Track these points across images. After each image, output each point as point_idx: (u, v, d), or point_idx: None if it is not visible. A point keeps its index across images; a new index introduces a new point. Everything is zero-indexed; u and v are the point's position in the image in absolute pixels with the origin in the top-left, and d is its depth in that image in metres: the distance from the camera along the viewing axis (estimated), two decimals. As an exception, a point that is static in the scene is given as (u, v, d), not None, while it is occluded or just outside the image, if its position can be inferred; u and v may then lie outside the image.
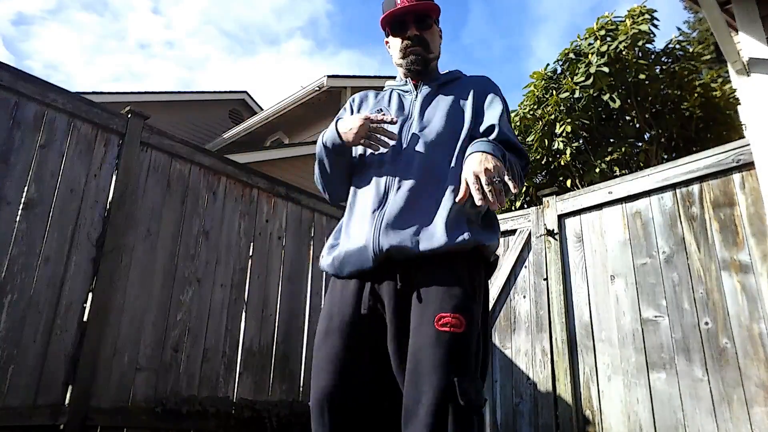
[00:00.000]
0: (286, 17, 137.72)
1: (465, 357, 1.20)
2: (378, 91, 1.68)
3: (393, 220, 1.30)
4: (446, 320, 1.20)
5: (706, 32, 12.21)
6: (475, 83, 1.55)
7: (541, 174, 5.20)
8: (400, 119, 1.49)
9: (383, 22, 1.58)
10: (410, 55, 1.53)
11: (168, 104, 11.35)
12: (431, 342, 1.19)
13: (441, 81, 1.57)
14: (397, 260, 1.28)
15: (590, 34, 4.80)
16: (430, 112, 1.49)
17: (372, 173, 1.43)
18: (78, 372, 2.81)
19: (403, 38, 1.54)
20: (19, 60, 60.30)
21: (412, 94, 1.55)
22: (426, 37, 1.55)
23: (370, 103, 1.61)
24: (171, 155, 3.55)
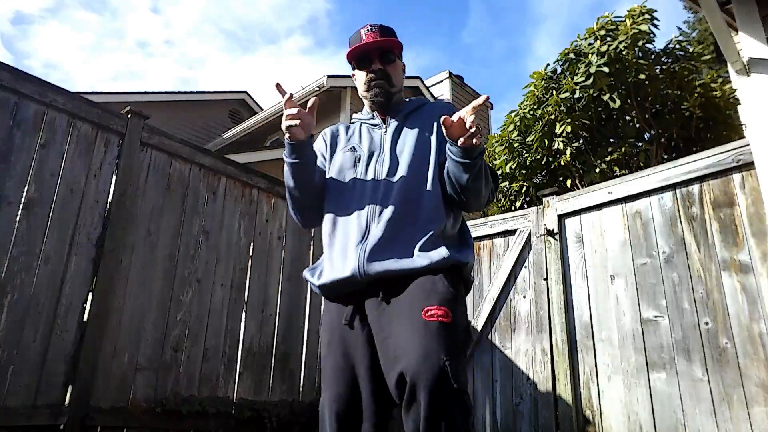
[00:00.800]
0: (285, 16, 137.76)
1: (454, 343, 1.26)
2: (349, 124, 1.75)
3: (376, 251, 1.39)
4: (433, 311, 1.27)
5: (706, 32, 12.21)
6: (439, 109, 1.64)
7: (541, 174, 5.19)
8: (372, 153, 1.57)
9: (349, 56, 1.65)
10: (374, 87, 1.62)
11: (168, 104, 11.35)
12: (420, 331, 1.25)
13: (406, 111, 1.66)
14: (382, 280, 1.38)
15: (590, 34, 4.80)
16: (401, 144, 1.57)
17: (351, 205, 1.50)
18: (78, 372, 2.81)
19: (367, 72, 1.63)
20: (18, 59, 60.29)
21: (381, 128, 1.64)
22: (389, 71, 1.63)
23: (342, 137, 1.69)
24: (171, 155, 3.55)
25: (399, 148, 1.56)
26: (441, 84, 10.95)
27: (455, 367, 1.21)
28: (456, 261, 1.40)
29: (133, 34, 69.41)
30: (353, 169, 1.56)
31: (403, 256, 1.38)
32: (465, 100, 11.22)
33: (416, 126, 1.60)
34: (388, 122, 1.64)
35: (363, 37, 1.60)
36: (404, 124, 1.63)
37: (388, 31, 1.63)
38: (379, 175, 1.51)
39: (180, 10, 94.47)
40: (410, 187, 1.47)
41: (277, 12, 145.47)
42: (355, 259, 1.40)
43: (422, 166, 1.51)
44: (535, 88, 5.11)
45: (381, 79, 1.61)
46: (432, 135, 1.57)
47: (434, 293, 1.32)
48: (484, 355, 3.71)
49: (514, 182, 5.22)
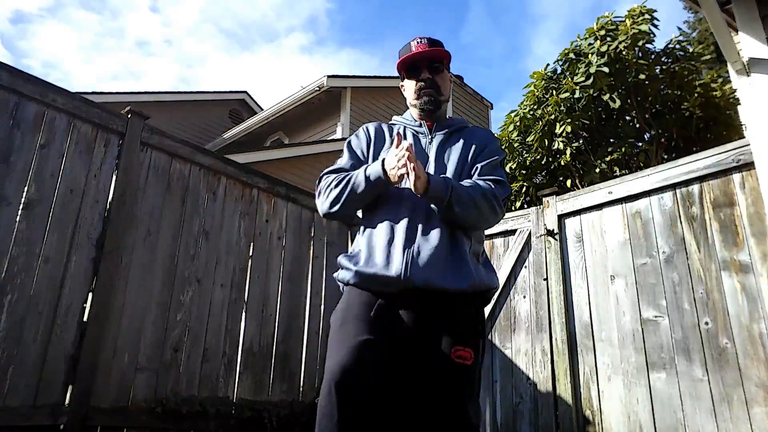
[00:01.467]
0: (285, 15, 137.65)
1: (472, 386, 1.42)
2: (390, 124, 1.79)
3: (424, 260, 1.44)
4: (460, 353, 1.39)
5: (706, 32, 12.21)
6: (479, 135, 1.72)
7: (541, 174, 5.20)
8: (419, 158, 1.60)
9: (400, 66, 1.72)
10: (424, 96, 1.68)
11: (168, 104, 11.35)
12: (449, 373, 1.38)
13: (453, 128, 1.71)
14: (422, 292, 1.43)
15: (590, 34, 4.80)
16: (446, 156, 1.64)
17: (396, 205, 1.55)
18: (78, 372, 2.81)
19: (417, 81, 1.69)
20: (17, 58, 60.28)
21: (426, 136, 1.69)
22: (438, 81, 1.70)
23: (386, 136, 1.72)
24: (171, 155, 3.55)
25: (444, 160, 1.63)
26: (441, 84, 10.94)
27: (472, 407, 1.37)
28: (489, 286, 1.52)
29: (133, 33, 69.42)
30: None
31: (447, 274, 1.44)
32: (465, 100, 11.22)
33: (460, 143, 1.67)
34: (434, 134, 1.69)
35: (413, 48, 1.67)
36: (450, 139, 1.69)
37: (437, 43, 1.69)
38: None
39: (179, 10, 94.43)
40: None
41: (276, 11, 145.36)
42: (401, 262, 1.43)
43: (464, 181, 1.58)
44: (535, 88, 5.11)
45: (430, 87, 1.68)
46: (469, 159, 1.64)
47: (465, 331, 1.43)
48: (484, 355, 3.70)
49: (514, 182, 5.22)
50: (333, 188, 1.60)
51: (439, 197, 1.47)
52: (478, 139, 1.69)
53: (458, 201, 1.47)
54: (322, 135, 9.66)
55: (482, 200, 1.51)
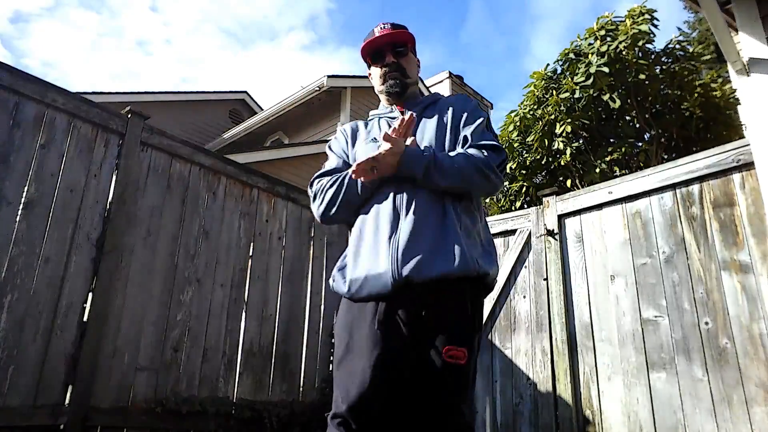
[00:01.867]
0: (286, 15, 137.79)
1: (466, 385, 1.37)
2: (367, 121, 1.77)
3: (409, 246, 1.38)
4: (453, 353, 1.34)
5: (706, 32, 12.21)
6: (454, 102, 1.67)
7: (541, 174, 5.19)
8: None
9: (363, 53, 1.71)
10: (389, 80, 1.66)
11: (168, 104, 11.35)
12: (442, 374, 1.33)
13: (424, 104, 1.69)
14: (414, 284, 1.36)
15: (590, 34, 4.80)
16: (419, 136, 1.59)
17: (377, 198, 1.50)
18: (78, 372, 2.81)
19: (381, 66, 1.68)
20: (16, 58, 60.27)
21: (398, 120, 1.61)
22: (403, 64, 1.68)
23: (361, 131, 1.71)
24: (171, 155, 3.55)
25: (419, 139, 1.57)
26: (441, 84, 10.95)
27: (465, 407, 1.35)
28: (484, 271, 1.42)
29: (132, 32, 69.41)
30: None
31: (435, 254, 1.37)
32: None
33: (434, 118, 1.62)
34: (406, 114, 1.62)
35: (376, 33, 1.66)
36: (423, 116, 1.65)
37: (401, 27, 1.68)
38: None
39: (179, 9, 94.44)
40: None
41: (276, 10, 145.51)
42: (388, 253, 1.38)
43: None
44: (535, 88, 5.11)
45: (395, 71, 1.66)
46: (447, 127, 1.59)
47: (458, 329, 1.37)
48: (484, 355, 3.70)
49: (514, 182, 5.22)
50: (327, 189, 1.57)
51: (413, 172, 1.43)
52: (455, 106, 1.64)
53: (440, 172, 1.42)
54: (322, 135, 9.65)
55: (470, 169, 1.45)
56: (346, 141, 1.71)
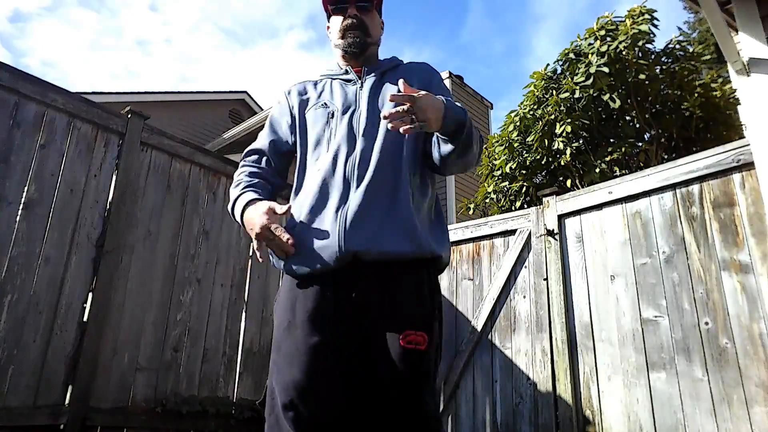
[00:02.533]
0: (285, 14, 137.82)
1: (427, 373, 1.25)
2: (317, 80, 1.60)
3: (357, 219, 1.27)
4: (411, 338, 1.22)
5: (706, 32, 12.22)
6: (418, 70, 1.54)
7: (541, 174, 5.19)
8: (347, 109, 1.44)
9: (325, 1, 1.57)
10: (348, 36, 1.51)
11: (168, 104, 11.35)
12: (399, 359, 1.21)
13: (383, 68, 1.53)
14: (363, 262, 1.26)
15: (590, 34, 4.80)
16: (380, 101, 1.45)
17: (327, 166, 1.36)
18: (78, 372, 2.81)
19: (343, 18, 1.53)
20: (15, 58, 60.23)
21: (356, 84, 1.50)
22: (365, 21, 1.53)
23: (311, 94, 1.54)
24: (171, 155, 3.55)
25: (380, 103, 1.44)
26: (441, 84, 10.93)
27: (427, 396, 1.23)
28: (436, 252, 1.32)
29: (132, 32, 69.38)
30: (327, 126, 1.43)
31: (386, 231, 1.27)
32: (465, 101, 11.22)
33: (395, 84, 1.43)
34: (364, 78, 1.50)
35: None
36: (382, 81, 1.50)
37: None
38: (355, 133, 1.39)
39: (179, 8, 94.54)
40: (389, 150, 1.36)
41: (276, 9, 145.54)
42: (335, 226, 1.27)
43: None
44: (535, 88, 5.11)
45: (357, 28, 1.51)
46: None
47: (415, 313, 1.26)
48: (484, 355, 3.70)
49: (514, 182, 5.22)
50: (233, 188, 1.46)
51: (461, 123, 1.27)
52: (418, 74, 1.51)
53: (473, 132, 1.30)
54: (322, 135, 9.61)
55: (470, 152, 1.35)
56: (290, 107, 1.55)
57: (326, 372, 1.23)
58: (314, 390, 1.21)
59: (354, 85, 1.50)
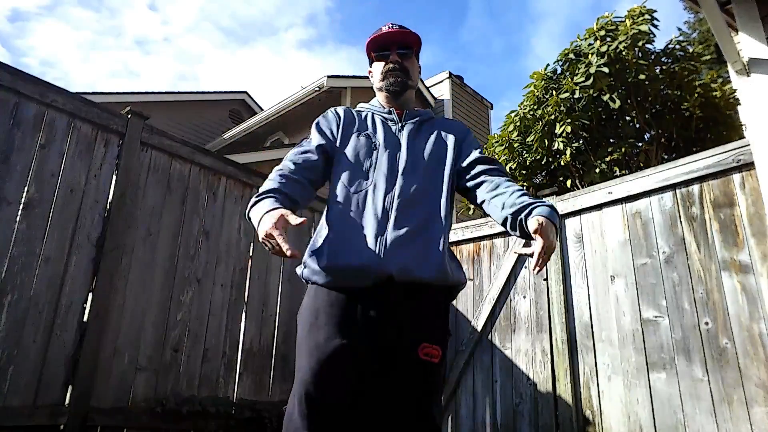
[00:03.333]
0: (284, 13, 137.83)
1: (437, 385, 1.38)
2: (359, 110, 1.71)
3: (396, 246, 1.38)
4: (428, 350, 1.34)
5: (706, 32, 12.21)
6: (455, 128, 1.68)
7: (541, 174, 5.19)
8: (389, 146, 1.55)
9: (369, 47, 1.70)
10: (390, 77, 1.64)
11: (168, 104, 11.35)
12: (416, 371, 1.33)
13: (423, 118, 1.66)
14: (396, 283, 1.37)
15: (590, 35, 4.80)
16: (418, 144, 1.58)
17: (366, 193, 1.47)
18: (78, 372, 2.81)
19: (386, 62, 1.66)
20: (15, 57, 60.22)
21: (396, 124, 1.62)
22: (407, 65, 1.66)
23: (356, 120, 1.65)
24: (171, 155, 3.55)
25: (417, 147, 1.56)
26: (441, 84, 10.94)
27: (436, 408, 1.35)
28: (459, 281, 1.48)
29: (131, 31, 69.38)
30: (368, 156, 1.53)
31: (420, 261, 1.39)
32: (465, 101, 11.22)
33: (432, 132, 1.62)
34: (404, 121, 1.63)
35: (384, 30, 1.66)
36: (421, 128, 1.63)
37: (409, 30, 1.67)
38: (396, 170, 1.50)
39: (178, 8, 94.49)
40: (426, 190, 1.49)
41: (276, 9, 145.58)
42: (374, 249, 1.37)
43: (438, 171, 1.54)
44: (535, 88, 5.11)
45: (399, 70, 1.64)
46: (448, 146, 1.59)
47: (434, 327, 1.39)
48: (484, 355, 3.70)
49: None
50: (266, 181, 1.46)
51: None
52: (455, 130, 1.65)
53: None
54: (322, 135, 9.60)
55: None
56: (337, 123, 1.64)
57: (345, 366, 1.31)
58: (333, 381, 1.29)
59: (395, 125, 1.62)
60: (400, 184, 1.47)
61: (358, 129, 1.61)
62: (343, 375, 1.31)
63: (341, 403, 1.30)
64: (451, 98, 10.69)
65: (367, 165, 1.52)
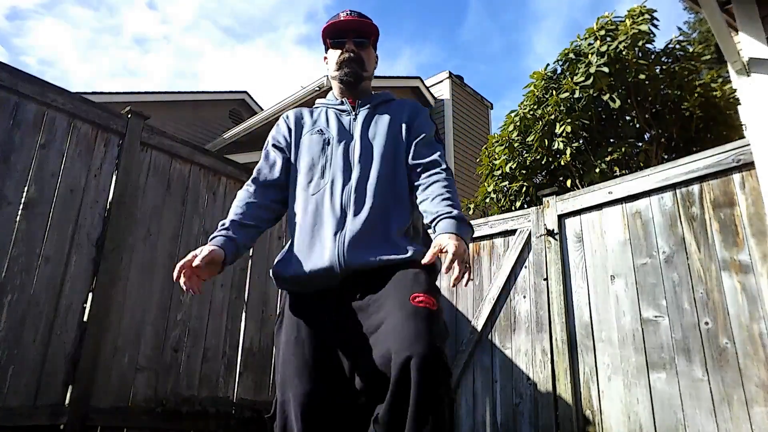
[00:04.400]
0: (284, 11, 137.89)
1: (439, 329, 1.24)
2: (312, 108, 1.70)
3: (355, 242, 1.36)
4: (421, 298, 1.24)
5: (706, 32, 12.21)
6: (408, 107, 1.64)
7: (541, 174, 5.19)
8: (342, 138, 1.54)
9: (324, 34, 1.66)
10: (345, 67, 1.60)
11: (168, 104, 11.35)
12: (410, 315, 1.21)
13: (376, 102, 1.63)
14: (361, 272, 1.35)
15: (590, 34, 4.80)
16: (372, 132, 1.55)
17: (321, 190, 1.47)
18: (78, 372, 2.81)
19: (342, 51, 1.62)
20: (13, 56, 60.15)
21: (350, 114, 1.61)
22: (362, 55, 1.62)
23: (306, 121, 1.64)
24: (171, 155, 3.55)
25: (370, 136, 1.54)
26: (441, 84, 10.94)
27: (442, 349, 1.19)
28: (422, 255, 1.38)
29: (130, 30, 69.35)
30: (322, 153, 1.53)
31: (382, 249, 1.37)
32: (465, 101, 11.22)
33: (387, 117, 1.58)
34: (358, 109, 1.61)
35: (341, 17, 1.62)
36: (375, 113, 1.60)
37: (366, 18, 1.64)
38: (351, 162, 1.49)
39: (177, 6, 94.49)
40: (383, 178, 1.46)
41: (275, 6, 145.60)
42: (333, 249, 1.36)
43: (395, 157, 1.51)
44: (535, 88, 5.11)
45: (353, 61, 1.60)
46: (402, 131, 1.56)
47: (418, 283, 1.29)
48: (484, 355, 3.71)
49: (514, 182, 5.22)
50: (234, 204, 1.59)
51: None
52: (407, 113, 1.61)
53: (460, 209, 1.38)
54: (322, 135, 9.61)
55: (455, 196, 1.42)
56: (289, 130, 1.64)
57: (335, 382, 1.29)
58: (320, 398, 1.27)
59: (348, 116, 1.60)
60: (355, 175, 1.46)
61: (310, 127, 1.61)
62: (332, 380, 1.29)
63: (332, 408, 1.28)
64: (451, 98, 10.69)
65: (323, 162, 1.51)
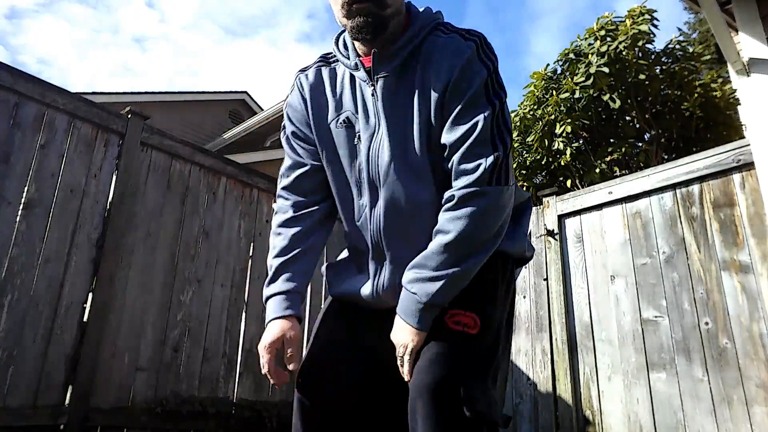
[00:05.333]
0: (284, 10, 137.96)
1: (474, 360, 1.01)
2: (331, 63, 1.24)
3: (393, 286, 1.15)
4: (459, 318, 1.02)
5: (706, 33, 12.21)
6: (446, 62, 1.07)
7: (541, 174, 5.20)
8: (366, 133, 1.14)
9: None
10: (357, 15, 1.06)
11: (168, 104, 11.35)
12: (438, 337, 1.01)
13: (403, 55, 1.11)
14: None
15: (590, 35, 4.80)
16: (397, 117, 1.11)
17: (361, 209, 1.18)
18: (78, 372, 2.81)
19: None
20: (12, 55, 60.17)
21: (368, 84, 1.14)
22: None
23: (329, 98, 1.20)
24: (171, 155, 3.55)
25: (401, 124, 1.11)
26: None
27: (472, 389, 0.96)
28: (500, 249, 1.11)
29: (129, 29, 69.35)
30: (354, 160, 1.16)
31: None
32: (465, 100, 11.21)
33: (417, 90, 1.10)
34: (375, 78, 1.12)
35: None
36: (401, 81, 1.12)
37: None
38: (376, 175, 1.13)
39: (176, 5, 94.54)
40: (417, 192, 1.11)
41: (275, 5, 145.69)
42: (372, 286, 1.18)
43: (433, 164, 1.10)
44: (535, 88, 5.11)
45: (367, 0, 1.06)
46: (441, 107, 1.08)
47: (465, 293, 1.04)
48: (484, 355, 3.70)
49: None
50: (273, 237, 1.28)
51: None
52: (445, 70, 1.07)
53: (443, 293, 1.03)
54: (322, 135, 9.60)
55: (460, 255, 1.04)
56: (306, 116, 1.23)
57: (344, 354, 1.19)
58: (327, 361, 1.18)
59: (369, 87, 1.14)
60: (383, 198, 1.12)
61: (335, 114, 1.18)
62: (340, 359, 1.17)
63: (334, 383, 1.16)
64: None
65: (356, 174, 1.16)
